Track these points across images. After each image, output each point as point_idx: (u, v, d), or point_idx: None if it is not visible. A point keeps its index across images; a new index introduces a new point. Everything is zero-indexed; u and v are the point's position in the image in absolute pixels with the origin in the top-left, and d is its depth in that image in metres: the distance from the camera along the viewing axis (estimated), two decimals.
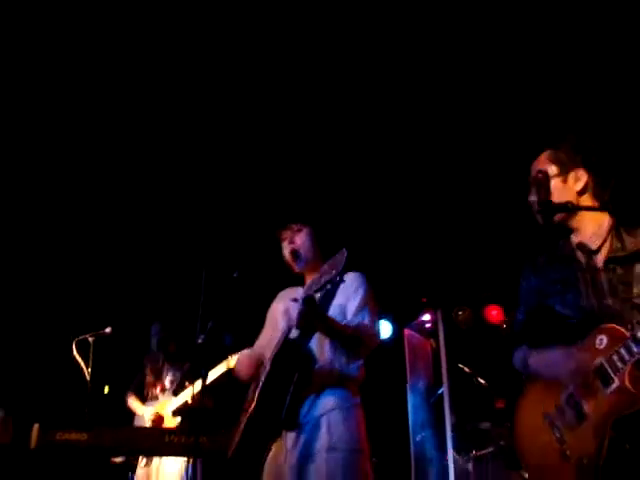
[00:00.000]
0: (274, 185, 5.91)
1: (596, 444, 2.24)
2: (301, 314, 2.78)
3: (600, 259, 2.50)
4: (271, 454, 3.01)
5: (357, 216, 6.00)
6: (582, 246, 2.55)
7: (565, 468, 2.34)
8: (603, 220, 2.55)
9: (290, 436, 2.96)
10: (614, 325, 2.30)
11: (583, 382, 2.34)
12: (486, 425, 6.37)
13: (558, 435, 2.40)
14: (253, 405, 2.87)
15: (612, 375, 2.24)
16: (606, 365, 2.27)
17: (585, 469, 2.27)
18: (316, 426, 2.92)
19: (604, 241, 2.51)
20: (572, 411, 2.36)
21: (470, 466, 6.30)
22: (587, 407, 2.32)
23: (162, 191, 6.25)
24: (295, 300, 2.84)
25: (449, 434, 6.30)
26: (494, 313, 7.55)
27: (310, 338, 3.00)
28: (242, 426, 2.94)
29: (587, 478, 2.26)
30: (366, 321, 3.06)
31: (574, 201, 2.53)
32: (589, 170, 2.56)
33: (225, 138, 5.76)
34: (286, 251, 3.23)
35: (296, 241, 3.21)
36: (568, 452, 2.35)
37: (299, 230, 3.23)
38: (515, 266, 6.04)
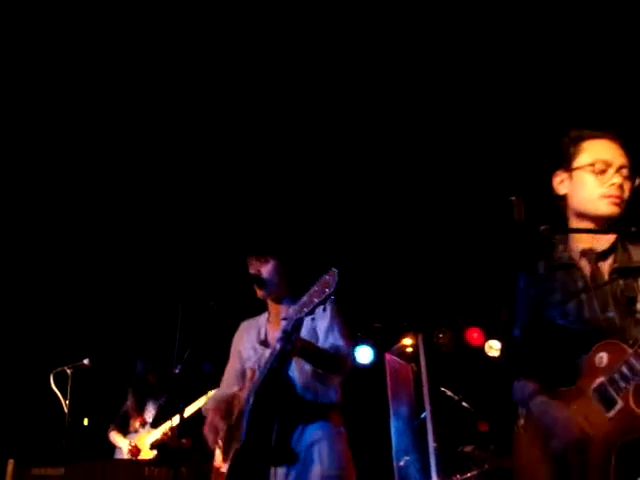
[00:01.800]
0: (247, 216, 5.89)
1: (601, 471, 2.08)
2: (285, 333, 2.79)
3: (605, 268, 2.37)
4: None
5: (336, 240, 6.00)
6: (588, 252, 2.40)
7: None
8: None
9: (280, 471, 2.95)
10: (615, 341, 2.17)
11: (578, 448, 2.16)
12: (469, 448, 6.34)
13: (560, 466, 2.21)
14: (240, 440, 2.89)
15: (615, 396, 2.09)
16: (607, 385, 2.12)
17: None
18: (307, 457, 2.94)
19: (611, 248, 2.38)
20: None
21: None
22: (588, 430, 2.15)
23: (139, 223, 6.21)
24: (286, 325, 2.85)
25: (432, 458, 6.27)
26: (475, 335, 7.56)
27: (289, 364, 3.00)
28: (230, 463, 2.94)
29: None
30: (339, 342, 3.09)
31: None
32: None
33: (200, 172, 5.75)
34: (251, 276, 3.29)
35: (262, 271, 3.26)
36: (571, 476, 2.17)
37: (266, 261, 3.28)
38: (494, 288, 6.07)
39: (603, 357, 2.17)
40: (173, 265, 6.22)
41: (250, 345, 3.30)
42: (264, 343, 3.23)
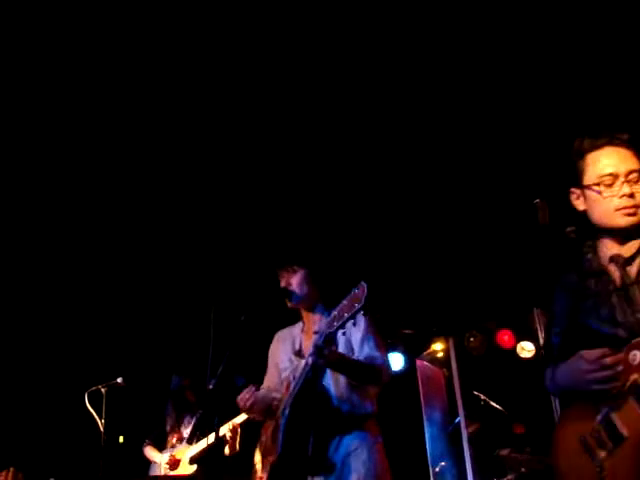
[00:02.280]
0: (274, 227, 5.90)
1: (635, 469, 2.13)
2: (326, 356, 2.84)
3: (633, 271, 2.40)
4: None
5: (364, 248, 6.00)
6: (616, 258, 2.43)
7: None
8: (637, 232, 2.44)
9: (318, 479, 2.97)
10: None
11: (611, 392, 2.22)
12: (505, 452, 6.29)
13: (595, 459, 2.25)
14: (277, 452, 2.93)
15: None
16: None
17: None
18: (344, 467, 2.97)
19: (637, 252, 2.41)
20: (607, 433, 2.23)
21: None
22: (624, 429, 2.19)
23: (170, 240, 6.25)
24: (318, 339, 2.88)
25: (469, 464, 6.24)
26: (505, 338, 7.50)
27: (322, 376, 3.02)
28: (267, 475, 2.96)
29: None
30: (375, 353, 3.12)
31: None
32: None
33: (230, 181, 5.77)
34: (281, 287, 3.33)
35: (291, 282, 3.31)
36: (606, 478, 2.21)
37: (294, 272, 3.32)
38: (523, 290, 6.05)
39: (637, 355, 2.21)
40: (204, 279, 6.25)
41: (286, 356, 3.33)
42: (299, 354, 3.26)
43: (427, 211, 5.97)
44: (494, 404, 6.64)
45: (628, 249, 2.43)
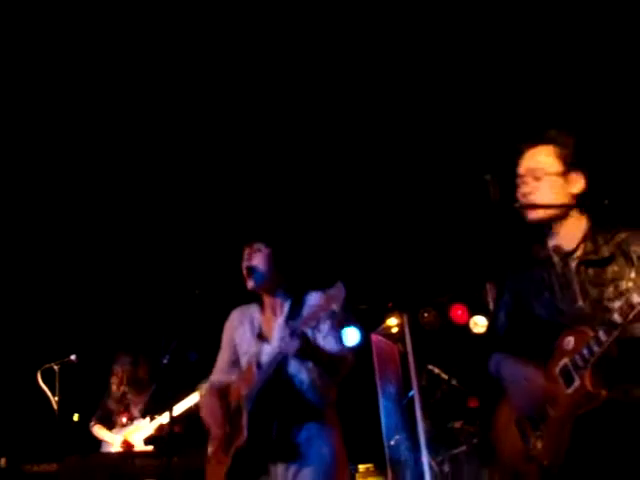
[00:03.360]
0: (237, 204, 5.88)
1: (556, 445, 2.30)
2: (299, 351, 2.86)
3: (573, 264, 2.51)
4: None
5: (320, 223, 6.00)
6: (558, 249, 2.55)
7: (531, 470, 2.39)
8: (580, 224, 2.54)
9: (280, 467, 3.00)
10: (581, 327, 2.33)
11: (536, 411, 2.40)
12: (458, 424, 6.42)
13: (524, 437, 2.45)
14: (243, 437, 2.92)
15: (574, 375, 2.29)
16: (570, 365, 2.32)
17: (547, 470, 2.32)
18: (303, 454, 2.99)
19: (579, 244, 2.52)
20: (537, 414, 2.41)
21: (446, 466, 6.34)
22: (551, 410, 2.36)
23: (123, 212, 6.18)
24: (293, 333, 2.88)
25: (422, 436, 6.34)
26: (459, 313, 7.61)
27: (289, 365, 3.04)
28: (231, 459, 2.99)
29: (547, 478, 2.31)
30: (341, 345, 3.14)
31: (568, 203, 2.52)
32: (586, 174, 2.55)
33: (194, 154, 5.73)
34: (243, 266, 3.25)
35: (253, 259, 3.23)
36: (532, 453, 2.40)
37: (259, 250, 3.24)
38: (476, 265, 6.13)
39: (570, 341, 2.36)
40: (158, 254, 6.20)
41: (245, 337, 3.28)
42: (260, 337, 3.22)
43: (382, 187, 6.00)
44: (446, 377, 6.75)
45: (569, 241, 2.54)
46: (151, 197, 6.00)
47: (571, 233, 2.54)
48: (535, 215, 2.55)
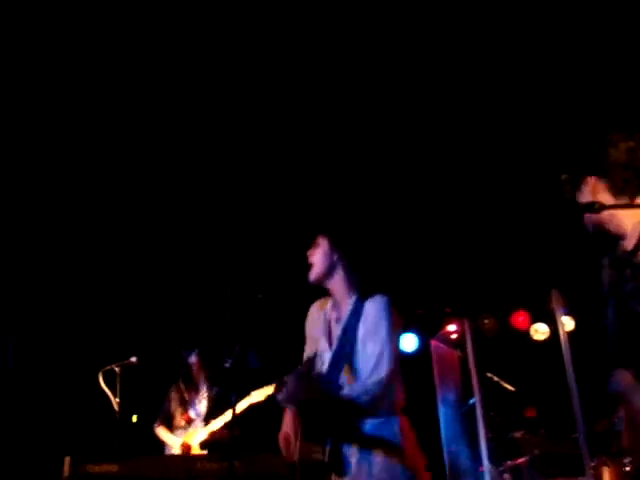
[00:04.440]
0: (294, 203, 5.87)
1: None
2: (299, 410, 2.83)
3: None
4: None
5: (378, 229, 5.94)
6: (624, 249, 2.47)
7: None
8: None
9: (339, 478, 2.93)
10: None
11: None
12: (519, 434, 6.28)
13: None
14: (297, 457, 2.89)
15: None
16: None
17: None
18: (358, 463, 2.89)
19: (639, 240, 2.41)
20: None
21: (506, 476, 6.21)
22: None
23: (186, 214, 6.23)
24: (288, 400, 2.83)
25: (483, 445, 6.22)
26: (520, 319, 7.46)
27: (339, 374, 2.97)
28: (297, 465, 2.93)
29: None
30: (380, 373, 2.92)
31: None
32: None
33: (245, 157, 5.74)
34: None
35: (313, 256, 3.18)
36: None
37: (317, 245, 3.19)
38: (540, 271, 5.99)
39: None
40: (221, 257, 6.23)
41: (320, 335, 3.20)
42: (328, 339, 3.15)
43: (445, 190, 5.92)
44: (507, 386, 6.62)
45: (631, 238, 2.45)
46: (215, 199, 6.04)
47: (631, 231, 2.45)
48: None
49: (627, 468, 4.68)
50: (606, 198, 2.47)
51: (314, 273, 3.15)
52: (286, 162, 5.75)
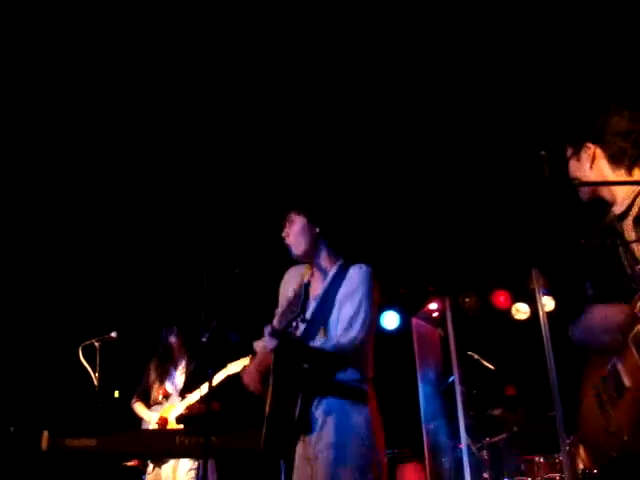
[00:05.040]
0: (271, 177, 5.84)
1: (634, 419, 2.16)
2: (277, 350, 2.83)
3: (629, 223, 2.41)
4: (297, 451, 3.01)
5: (362, 206, 5.94)
6: (614, 214, 2.47)
7: (610, 445, 2.26)
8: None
9: (306, 437, 2.96)
10: None
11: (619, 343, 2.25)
12: (498, 411, 6.34)
13: (603, 409, 2.32)
14: (267, 411, 2.90)
15: None
16: None
17: (626, 446, 2.17)
18: (324, 425, 2.92)
19: (631, 204, 2.41)
20: (613, 384, 2.27)
21: (484, 453, 6.27)
22: (626, 380, 2.22)
23: (161, 190, 6.20)
24: (272, 333, 2.82)
25: (462, 422, 6.27)
26: (501, 299, 7.50)
27: (315, 335, 2.98)
28: (263, 427, 2.94)
29: (630, 456, 2.17)
30: (352, 333, 2.96)
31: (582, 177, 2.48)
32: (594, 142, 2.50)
33: (219, 133, 5.70)
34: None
35: (288, 234, 3.18)
36: (611, 428, 2.26)
37: (292, 222, 3.18)
38: (520, 251, 6.01)
39: None
40: (198, 232, 6.21)
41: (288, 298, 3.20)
42: (301, 302, 3.14)
43: (426, 169, 5.91)
44: (487, 364, 6.66)
45: (621, 205, 2.45)
46: (193, 174, 6.01)
47: (623, 196, 2.45)
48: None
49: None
50: (603, 167, 2.48)
51: (298, 249, 3.16)
52: (259, 137, 5.72)
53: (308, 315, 3.06)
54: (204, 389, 5.11)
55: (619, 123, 2.46)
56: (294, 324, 2.81)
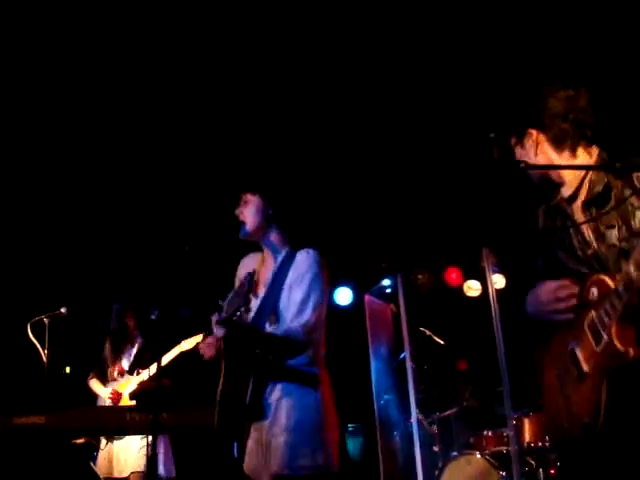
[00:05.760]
0: (225, 157, 5.81)
1: (594, 403, 2.18)
2: (226, 338, 2.84)
3: (578, 206, 2.42)
4: (251, 436, 3.01)
5: (313, 183, 5.93)
6: (562, 196, 2.49)
7: (573, 427, 2.30)
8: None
9: (258, 422, 2.98)
10: (601, 276, 2.22)
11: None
12: (449, 387, 6.44)
13: (564, 390, 2.35)
14: (219, 395, 2.93)
15: (601, 331, 2.17)
16: (596, 320, 2.20)
17: (588, 428, 2.21)
18: (276, 409, 2.95)
19: (579, 187, 2.43)
20: (573, 368, 2.30)
21: (434, 428, 6.37)
22: (585, 366, 2.25)
23: (114, 165, 6.11)
24: (219, 322, 2.83)
25: (413, 397, 6.35)
26: (453, 276, 7.59)
27: (265, 321, 2.99)
28: (215, 410, 2.97)
29: (591, 438, 2.22)
30: (303, 317, 3.00)
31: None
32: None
33: (180, 110, 5.65)
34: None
35: (244, 213, 3.19)
36: (573, 408, 2.30)
37: (247, 201, 3.20)
38: (473, 228, 6.09)
39: (594, 291, 2.24)
40: (148, 208, 6.14)
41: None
42: (250, 289, 3.15)
43: (379, 146, 5.93)
44: (439, 340, 6.75)
45: (571, 186, 2.46)
46: (145, 150, 5.93)
47: (571, 178, 2.47)
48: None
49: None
50: (548, 150, 2.47)
51: (249, 227, 3.17)
52: (219, 117, 5.67)
53: (258, 302, 3.08)
54: (148, 371, 5.11)
55: (556, 105, 2.44)
56: (238, 312, 2.81)
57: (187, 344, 5.14)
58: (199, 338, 5.12)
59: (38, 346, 5.03)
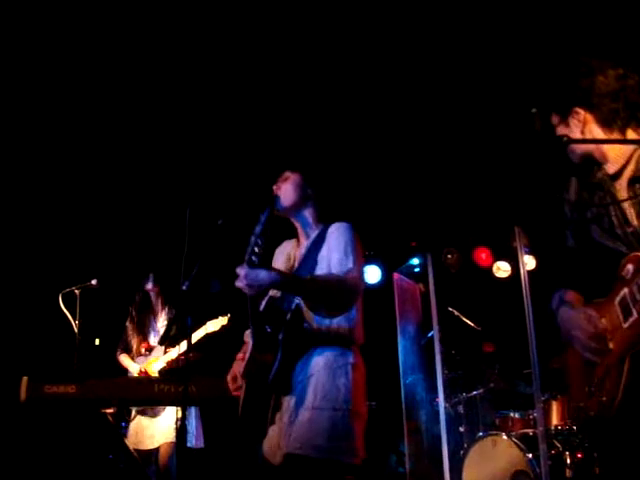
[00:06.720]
0: (263, 133, 5.80)
1: (614, 380, 2.16)
2: (246, 278, 2.77)
3: (623, 183, 2.35)
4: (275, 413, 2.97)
5: (346, 161, 5.91)
6: (606, 173, 2.41)
7: (591, 406, 2.29)
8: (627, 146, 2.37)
9: (284, 399, 2.92)
10: (638, 253, 2.17)
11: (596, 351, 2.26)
12: (476, 368, 6.42)
13: (588, 369, 2.32)
14: (244, 381, 2.94)
15: (631, 307, 2.12)
16: (628, 297, 2.15)
17: (605, 406, 2.20)
18: (304, 387, 2.87)
19: (625, 164, 2.35)
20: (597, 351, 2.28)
21: (460, 408, 6.36)
22: (610, 342, 2.22)
23: (145, 138, 6.13)
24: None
25: (440, 377, 6.34)
26: (483, 256, 7.54)
27: (290, 298, 2.96)
28: (243, 392, 2.96)
29: (607, 415, 2.20)
30: (346, 266, 2.92)
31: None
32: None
33: (220, 82, 5.64)
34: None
35: (282, 188, 3.18)
36: (593, 388, 2.28)
37: (286, 178, 3.19)
38: (503, 209, 6.03)
39: (629, 269, 2.19)
40: (181, 180, 6.16)
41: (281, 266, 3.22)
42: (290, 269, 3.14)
43: (409, 125, 5.88)
44: (467, 321, 6.72)
45: (616, 163, 2.39)
46: (182, 127, 5.94)
47: (616, 156, 2.38)
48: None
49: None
50: (595, 130, 2.38)
51: (286, 202, 3.16)
52: (256, 96, 5.66)
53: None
54: (184, 345, 5.13)
55: (606, 83, 2.34)
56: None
57: (213, 326, 5.15)
58: (224, 320, 5.16)
59: (69, 317, 5.08)
